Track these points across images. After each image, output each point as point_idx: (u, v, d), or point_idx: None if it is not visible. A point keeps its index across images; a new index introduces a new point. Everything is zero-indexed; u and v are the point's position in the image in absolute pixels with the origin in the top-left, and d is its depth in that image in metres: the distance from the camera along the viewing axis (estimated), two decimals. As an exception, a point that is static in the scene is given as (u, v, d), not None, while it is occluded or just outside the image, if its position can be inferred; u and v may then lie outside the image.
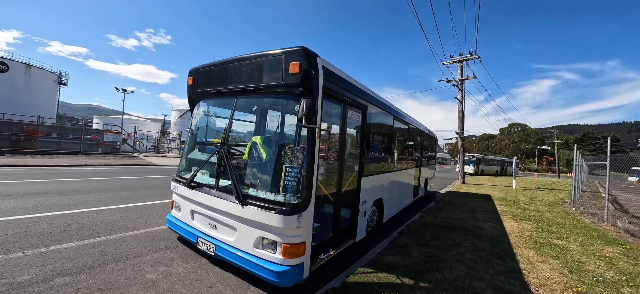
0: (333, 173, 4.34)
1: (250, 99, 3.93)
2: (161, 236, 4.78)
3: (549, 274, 4.20)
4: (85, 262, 3.65)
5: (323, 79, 3.39)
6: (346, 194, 4.51)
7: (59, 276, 3.27)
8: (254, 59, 3.64)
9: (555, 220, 8.31)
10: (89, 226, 4.97)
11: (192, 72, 4.58)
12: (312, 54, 3.31)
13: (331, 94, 3.73)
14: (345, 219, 4.72)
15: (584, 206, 11.63)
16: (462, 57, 20.26)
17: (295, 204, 3.14)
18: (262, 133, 4.73)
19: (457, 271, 4.05)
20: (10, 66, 34.28)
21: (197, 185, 3.98)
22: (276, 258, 3.18)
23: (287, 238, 3.16)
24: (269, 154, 3.66)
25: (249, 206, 3.28)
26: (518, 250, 5.24)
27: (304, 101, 3.10)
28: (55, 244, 4.09)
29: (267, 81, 3.51)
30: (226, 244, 3.57)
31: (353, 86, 4.37)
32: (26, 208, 5.68)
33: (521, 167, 65.07)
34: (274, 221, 3.12)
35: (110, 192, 7.85)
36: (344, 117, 4.18)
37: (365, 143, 4.84)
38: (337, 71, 3.90)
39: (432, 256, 4.59)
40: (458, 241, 5.50)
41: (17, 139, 20.09)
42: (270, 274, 3.12)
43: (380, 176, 5.79)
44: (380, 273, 3.83)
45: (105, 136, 26.15)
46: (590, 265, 4.73)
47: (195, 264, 3.84)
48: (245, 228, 3.40)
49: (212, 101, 4.47)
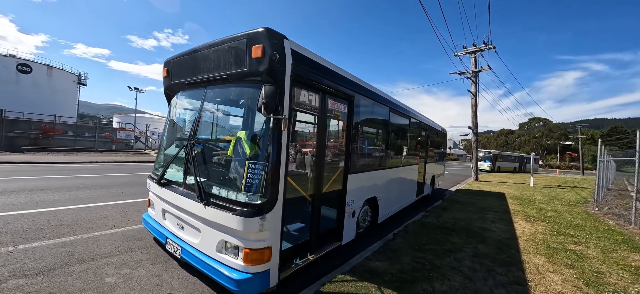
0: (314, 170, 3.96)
1: (218, 90, 3.61)
2: (137, 235, 4.59)
3: (560, 288, 3.65)
4: (47, 263, 3.47)
5: (292, 63, 3.01)
6: (329, 193, 4.13)
7: (13, 278, 3.09)
8: (219, 45, 3.32)
9: (574, 222, 7.55)
10: (68, 223, 4.85)
11: (166, 63, 4.32)
12: (278, 36, 2.93)
13: (305, 81, 3.34)
14: (330, 220, 4.34)
15: (609, 205, 10.65)
16: (475, 48, 19.18)
17: (258, 204, 2.80)
18: (229, 127, 4.43)
19: (450, 281, 3.58)
20: (33, 68, 35.99)
21: (167, 182, 3.73)
22: (237, 264, 2.85)
23: (249, 243, 2.82)
24: (234, 149, 3.33)
25: (211, 206, 2.98)
26: (526, 257, 4.68)
27: (264, 88, 2.73)
28: (26, 243, 3.97)
29: (233, 69, 3.18)
30: (191, 246, 3.29)
31: (335, 73, 3.96)
32: (14, 205, 5.66)
33: (542, 164, 62.00)
34: (234, 223, 2.79)
35: (105, 189, 7.83)
36: (323, 109, 3.78)
37: (353, 138, 4.42)
38: (313, 56, 3.50)
39: (425, 262, 4.13)
40: (459, 245, 4.99)
41: (35, 137, 20.95)
42: (230, 282, 2.80)
43: (374, 173, 5.35)
44: (361, 282, 3.42)
45: (118, 133, 26.89)
46: (612, 276, 4.11)
47: (162, 268, 3.59)
48: (208, 230, 3.10)
49: (186, 93, 4.20)
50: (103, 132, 25.86)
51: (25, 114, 23.30)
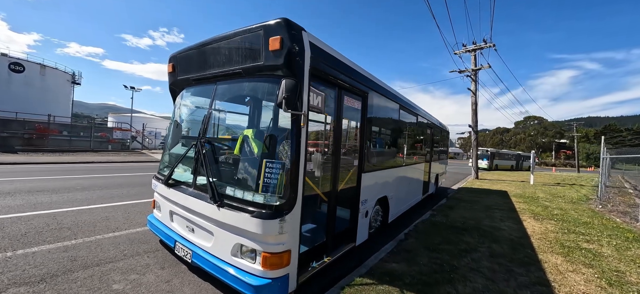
0: (329, 169, 3.81)
1: (230, 85, 3.43)
2: (142, 238, 4.40)
3: (584, 288, 3.55)
4: (49, 269, 3.28)
5: (310, 56, 2.85)
6: (343, 193, 3.98)
7: (14, 286, 2.90)
8: (231, 37, 3.14)
9: (581, 219, 7.50)
10: (68, 226, 4.64)
11: (172, 58, 4.12)
12: (297, 28, 2.77)
13: (322, 76, 3.19)
14: (343, 221, 4.19)
15: (612, 203, 10.68)
16: (475, 46, 19.16)
17: (277, 206, 2.65)
18: (242, 125, 4.26)
19: (472, 283, 3.46)
20: (26, 67, 35.23)
21: (175, 183, 3.54)
22: (255, 269, 2.70)
23: (268, 246, 2.67)
24: (249, 148, 3.17)
25: (226, 207, 2.81)
26: (543, 256, 4.58)
27: (285, 82, 2.57)
28: (25, 248, 3.76)
29: (247, 62, 3.01)
30: (203, 250, 3.13)
31: (350, 68, 3.80)
32: (10, 207, 5.42)
33: (538, 162, 62.60)
34: (252, 226, 2.63)
35: (104, 190, 7.59)
36: (339, 105, 3.63)
37: (367, 135, 4.28)
38: (330, 50, 3.35)
39: (443, 263, 4.01)
40: (473, 245, 4.88)
41: (29, 137, 20.46)
42: (248, 288, 2.64)
43: (385, 172, 5.22)
44: (381, 285, 3.28)
45: (114, 133, 26.44)
46: (632, 275, 4.03)
47: (171, 272, 3.41)
48: (222, 232, 2.93)
49: (193, 89, 4.01)
50: (99, 132, 25.40)
51: (19, 113, 22.75)
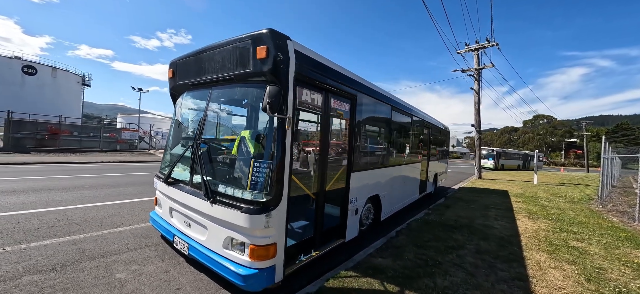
0: (318, 169, 4.03)
1: (224, 90, 3.69)
2: (145, 233, 4.69)
3: (561, 283, 3.69)
4: (59, 259, 3.58)
5: (296, 63, 3.08)
6: (332, 191, 4.20)
7: (28, 274, 3.20)
8: (224, 46, 3.39)
9: (577, 219, 7.55)
10: (77, 222, 4.97)
11: (172, 64, 4.40)
12: (282, 37, 3.00)
13: (308, 81, 3.40)
14: (333, 218, 4.40)
15: (613, 202, 10.61)
16: (478, 45, 19.11)
17: (263, 202, 2.88)
18: (234, 127, 4.51)
19: (452, 277, 3.64)
20: (38, 69, 36.42)
21: (174, 181, 3.82)
22: (244, 260, 2.93)
23: (255, 239, 2.90)
24: (239, 148, 3.41)
25: (217, 203, 3.06)
26: (528, 253, 4.71)
27: (269, 88, 2.80)
28: (38, 241, 4.08)
29: (238, 69, 3.25)
30: (198, 243, 3.38)
31: (337, 73, 4.01)
32: (25, 204, 5.80)
33: (546, 161, 61.56)
34: (241, 220, 2.87)
35: (112, 189, 7.96)
36: (326, 108, 3.84)
37: (356, 136, 4.48)
38: (316, 56, 3.56)
39: (428, 259, 4.18)
40: (461, 242, 5.04)
41: (41, 137, 21.23)
42: (237, 277, 2.89)
43: (376, 172, 5.41)
44: (364, 278, 3.49)
45: (122, 133, 27.15)
46: (613, 272, 4.14)
47: (170, 264, 3.68)
48: (215, 226, 3.18)
49: (191, 93, 4.28)
50: (107, 133, 26.12)
51: (31, 115, 23.62)
